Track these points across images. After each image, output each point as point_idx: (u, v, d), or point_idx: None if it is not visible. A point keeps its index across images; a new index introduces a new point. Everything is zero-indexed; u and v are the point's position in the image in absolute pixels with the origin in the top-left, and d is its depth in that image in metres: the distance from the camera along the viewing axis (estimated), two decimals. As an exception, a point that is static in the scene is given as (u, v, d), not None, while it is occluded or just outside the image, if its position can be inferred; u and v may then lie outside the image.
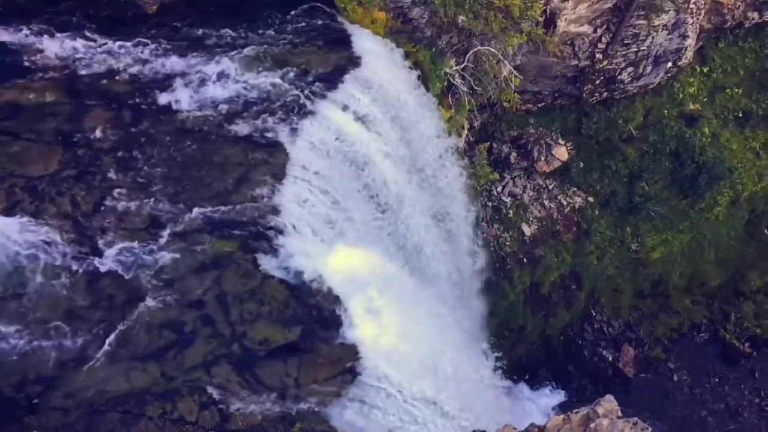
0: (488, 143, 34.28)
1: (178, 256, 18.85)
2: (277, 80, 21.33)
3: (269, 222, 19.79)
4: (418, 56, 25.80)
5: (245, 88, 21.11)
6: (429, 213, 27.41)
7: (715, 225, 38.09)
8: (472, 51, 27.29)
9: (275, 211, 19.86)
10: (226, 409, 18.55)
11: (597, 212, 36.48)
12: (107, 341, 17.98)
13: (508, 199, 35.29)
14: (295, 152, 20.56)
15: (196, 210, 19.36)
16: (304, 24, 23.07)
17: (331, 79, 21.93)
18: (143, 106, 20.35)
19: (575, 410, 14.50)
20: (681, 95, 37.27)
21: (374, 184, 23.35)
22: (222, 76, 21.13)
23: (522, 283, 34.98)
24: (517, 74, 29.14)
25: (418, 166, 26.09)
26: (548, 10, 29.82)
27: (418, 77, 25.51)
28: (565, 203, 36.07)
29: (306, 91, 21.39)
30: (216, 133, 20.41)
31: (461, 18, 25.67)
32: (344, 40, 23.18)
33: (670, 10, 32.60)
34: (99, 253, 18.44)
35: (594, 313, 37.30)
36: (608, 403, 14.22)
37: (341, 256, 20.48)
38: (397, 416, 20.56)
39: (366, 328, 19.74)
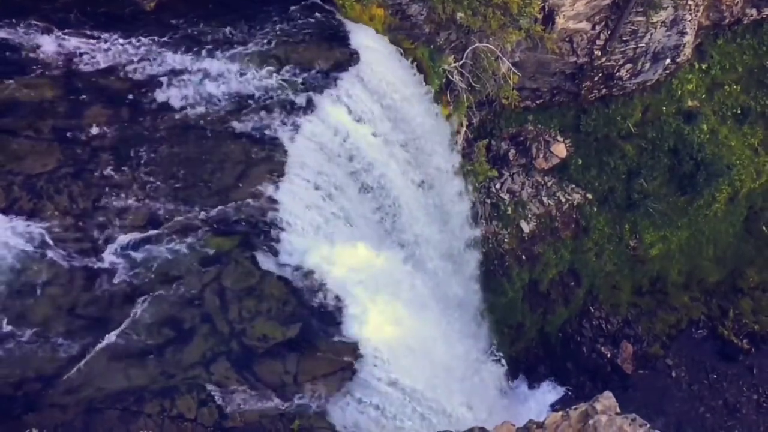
0: (487, 140, 34.30)
1: (177, 253, 18.83)
2: (276, 77, 21.30)
3: (269, 219, 19.78)
4: (417, 53, 25.79)
5: (243, 85, 21.08)
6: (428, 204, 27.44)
7: (713, 222, 38.12)
8: (470, 48, 27.28)
9: (274, 208, 19.85)
10: (224, 407, 18.54)
11: (595, 209, 36.52)
12: (106, 339, 17.96)
13: (506, 196, 35.31)
14: (294, 149, 20.55)
15: (195, 207, 19.35)
16: (302, 21, 23.04)
17: (330, 76, 21.91)
18: (142, 104, 20.31)
19: (574, 407, 14.49)
20: (679, 92, 37.30)
21: (373, 181, 23.34)
22: (220, 73, 21.10)
23: (521, 280, 35.01)
24: (515, 71, 29.14)
25: (418, 160, 26.12)
26: (546, 6, 29.83)
27: (417, 74, 25.51)
28: (563, 200, 36.10)
29: (304, 88, 21.37)
30: (215, 131, 20.39)
31: (459, 15, 25.67)
32: (342, 37, 23.15)
33: (668, 6, 32.64)
34: (98, 251, 18.41)
35: (592, 310, 37.33)
36: (607, 400, 14.23)
37: (341, 253, 20.47)
38: (395, 413, 20.57)
39: (365, 325, 19.74)
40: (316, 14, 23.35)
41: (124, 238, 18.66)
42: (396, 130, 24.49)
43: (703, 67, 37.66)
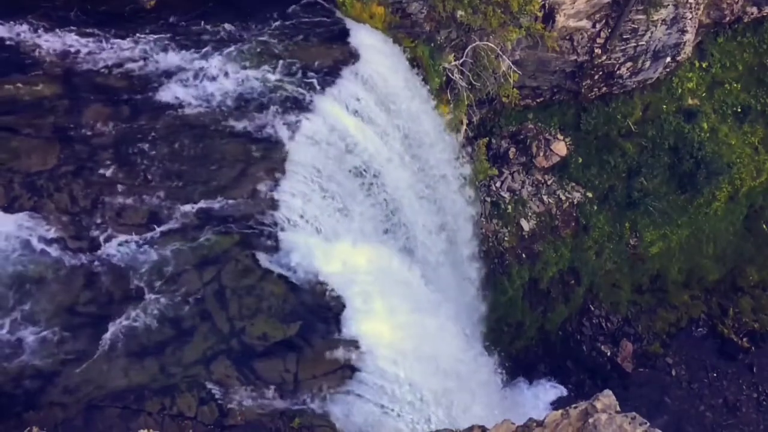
0: (487, 138, 34.28)
1: (177, 251, 18.81)
2: (276, 75, 21.29)
3: (268, 218, 19.76)
4: (417, 51, 25.78)
5: (243, 84, 21.07)
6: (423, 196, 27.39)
7: (713, 220, 38.15)
8: (470, 46, 27.26)
9: (274, 206, 19.84)
10: (225, 405, 18.52)
11: (595, 207, 36.52)
12: (106, 337, 17.96)
13: (506, 195, 35.32)
14: (294, 147, 20.53)
15: (195, 205, 19.33)
16: (302, 19, 23.03)
17: (330, 74, 21.90)
18: (142, 102, 20.30)
19: (574, 405, 14.49)
20: (679, 90, 37.30)
21: (373, 180, 23.33)
22: (220, 71, 21.09)
23: (521, 278, 35.02)
24: (515, 69, 29.09)
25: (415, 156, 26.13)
26: (547, 4, 29.82)
27: (417, 72, 25.51)
28: (563, 198, 36.10)
29: (304, 87, 21.36)
30: (214, 129, 20.38)
31: (460, 13, 25.65)
32: (343, 35, 23.15)
33: (669, 4, 32.64)
34: (98, 249, 18.40)
35: (592, 308, 37.37)
36: (607, 398, 14.21)
37: (341, 252, 20.47)
38: (395, 411, 20.55)
39: (365, 323, 19.72)
40: (316, 12, 23.35)
41: (124, 237, 18.65)
42: (394, 121, 24.46)
43: (704, 65, 37.66)
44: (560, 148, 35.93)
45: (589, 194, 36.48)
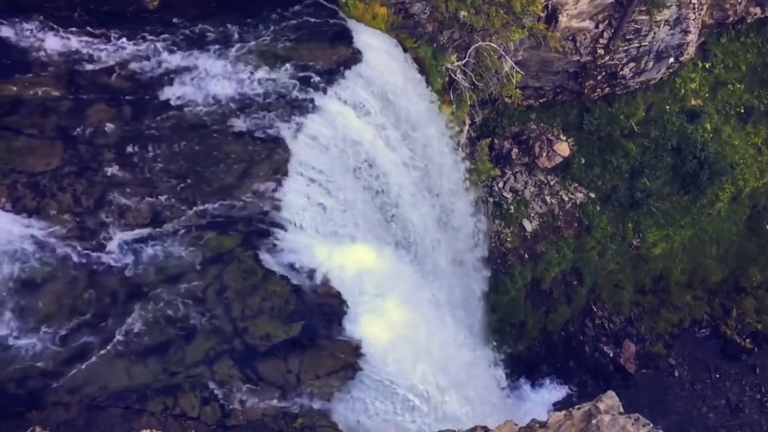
0: (489, 139, 34.26)
1: (180, 251, 18.83)
2: (279, 76, 21.31)
3: (271, 218, 19.77)
4: (419, 52, 25.79)
5: (246, 84, 21.09)
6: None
7: (716, 221, 38.13)
8: (473, 46, 27.26)
9: (277, 207, 19.84)
10: (227, 405, 18.53)
11: (598, 208, 36.51)
12: (109, 337, 17.98)
13: (509, 195, 35.31)
14: (297, 148, 20.54)
15: (197, 206, 19.35)
16: (305, 20, 23.04)
17: (333, 75, 21.91)
18: (145, 102, 20.33)
19: (577, 406, 14.50)
20: (682, 91, 37.28)
21: (376, 181, 23.35)
22: (223, 71, 21.11)
23: (523, 279, 35.01)
24: (518, 70, 29.09)
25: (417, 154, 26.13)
26: (550, 5, 29.83)
27: (419, 72, 25.52)
28: (566, 199, 36.09)
29: (307, 87, 21.37)
30: (217, 129, 20.39)
31: (462, 13, 25.67)
32: (345, 36, 23.15)
33: (672, 5, 32.63)
34: (101, 249, 18.42)
35: (595, 309, 37.36)
36: (610, 399, 14.22)
37: (343, 252, 20.46)
38: (398, 412, 20.56)
39: (368, 324, 19.73)
40: (319, 13, 23.36)
41: (127, 236, 18.67)
42: (396, 121, 24.47)
43: (707, 65, 37.63)
44: (563, 148, 35.91)
45: (592, 195, 36.47)
